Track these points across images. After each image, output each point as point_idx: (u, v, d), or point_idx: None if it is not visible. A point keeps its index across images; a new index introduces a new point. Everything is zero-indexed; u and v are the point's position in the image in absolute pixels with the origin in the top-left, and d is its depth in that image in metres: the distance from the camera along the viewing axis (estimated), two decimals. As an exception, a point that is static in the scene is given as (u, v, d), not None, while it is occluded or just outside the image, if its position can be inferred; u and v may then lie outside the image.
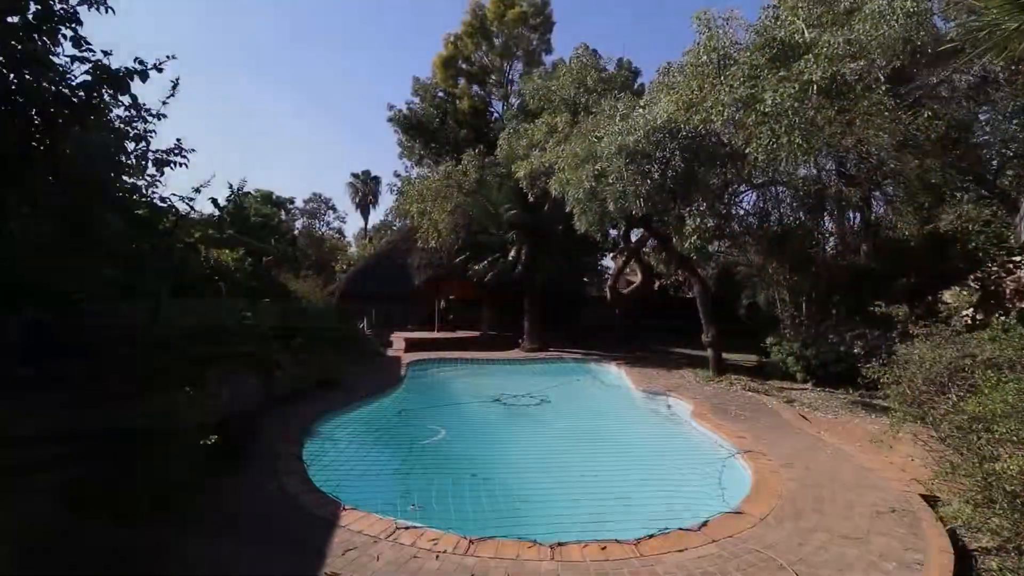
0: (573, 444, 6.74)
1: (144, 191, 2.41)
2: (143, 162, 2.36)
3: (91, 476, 2.17)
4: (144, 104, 2.39)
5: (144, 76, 2.27)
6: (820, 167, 8.63)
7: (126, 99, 2.27)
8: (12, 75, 2.07)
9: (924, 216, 9.82)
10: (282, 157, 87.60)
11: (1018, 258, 9.81)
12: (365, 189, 57.44)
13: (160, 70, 2.34)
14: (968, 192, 9.57)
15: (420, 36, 72.27)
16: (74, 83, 2.18)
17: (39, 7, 2.21)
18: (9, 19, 2.13)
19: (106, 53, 2.27)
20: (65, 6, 2.36)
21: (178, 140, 2.54)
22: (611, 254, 24.33)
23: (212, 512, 4.03)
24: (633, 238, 18.02)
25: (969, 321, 9.43)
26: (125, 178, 2.32)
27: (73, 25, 2.34)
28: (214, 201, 2.45)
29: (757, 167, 7.49)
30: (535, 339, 16.35)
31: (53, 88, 2.12)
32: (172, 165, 2.50)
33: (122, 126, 2.31)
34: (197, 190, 2.54)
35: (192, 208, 2.55)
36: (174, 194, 2.49)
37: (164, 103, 2.48)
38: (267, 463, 5.21)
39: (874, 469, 5.63)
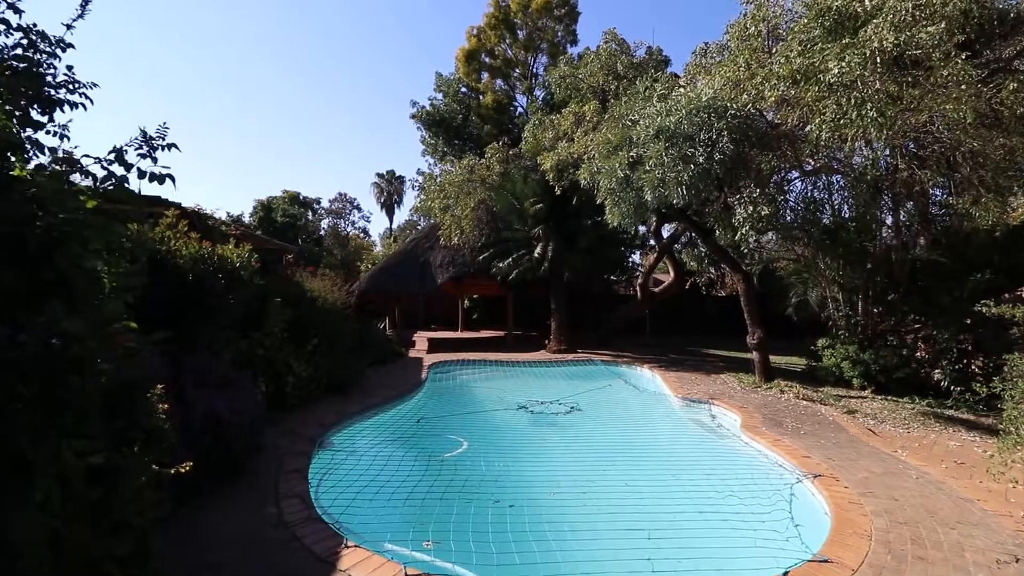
0: (609, 462, 5.99)
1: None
2: (22, 103, 1.74)
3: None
4: (34, 25, 1.78)
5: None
6: (878, 151, 7.62)
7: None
8: None
9: (1003, 203, 8.70)
10: (308, 156, 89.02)
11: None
12: (390, 189, 57.67)
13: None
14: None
15: (444, 32, 72.13)
16: None
17: None
18: None
19: None
20: None
21: (69, 68, 1.89)
22: (639, 251, 23.35)
23: (192, 552, 3.47)
24: (664, 234, 17.12)
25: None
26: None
27: None
28: (119, 155, 1.77)
29: (820, 146, 6.57)
30: (562, 340, 15.60)
31: None
32: (62, 106, 1.88)
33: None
34: (119, 152, 1.88)
35: (111, 173, 1.89)
36: (87, 155, 1.87)
37: (69, 28, 1.86)
38: (268, 483, 4.67)
39: (974, 499, 4.72)
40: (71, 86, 1.87)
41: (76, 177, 1.93)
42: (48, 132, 1.89)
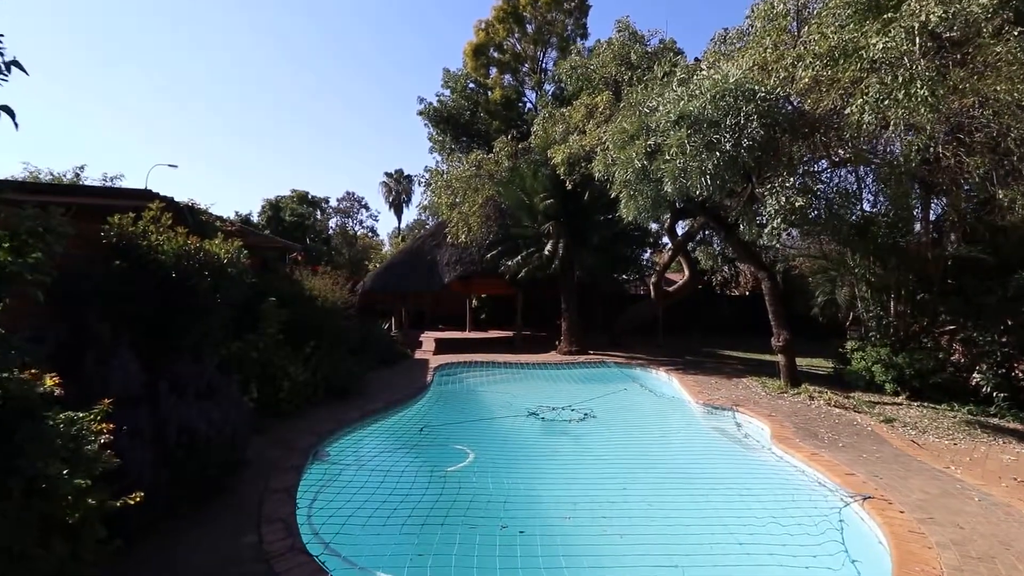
0: (629, 478, 5.43)
1: None
2: None
3: None
4: None
5: None
6: (922, 136, 6.96)
7: None
8: None
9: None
10: (317, 156, 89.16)
11: None
12: (398, 188, 57.42)
13: None
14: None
15: (453, 30, 71.77)
16: None
17: None
18: None
19: None
20: None
21: None
22: (650, 250, 22.75)
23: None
24: (678, 231, 16.51)
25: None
26: None
27: None
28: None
29: (861, 130, 5.96)
30: (573, 341, 15.03)
31: None
32: None
33: None
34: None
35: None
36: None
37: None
38: (251, 503, 4.19)
39: (1051, 527, 4.13)
40: None
41: None
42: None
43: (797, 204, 6.28)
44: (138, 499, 2.61)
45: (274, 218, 40.56)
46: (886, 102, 5.55)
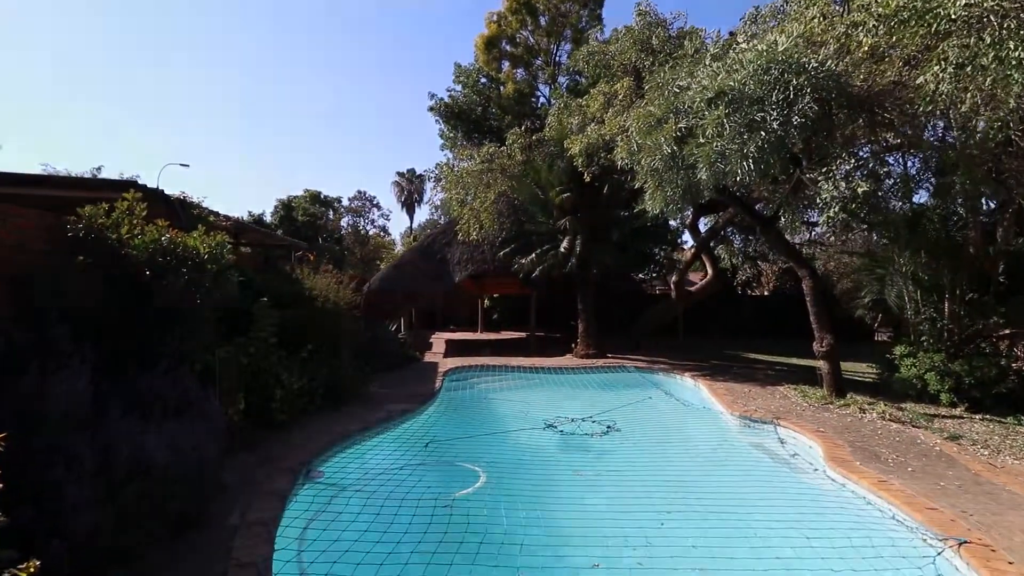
0: (664, 508, 4.64)
1: None
2: None
3: None
4: None
5: None
6: (1002, 115, 6.08)
7: None
8: None
9: None
10: (329, 155, 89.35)
11: None
12: (410, 187, 57.03)
13: None
14: None
15: (463, 29, 71.28)
16: None
17: None
18: None
19: None
20: None
21: None
22: (668, 247, 21.89)
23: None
24: (701, 228, 15.66)
25: None
26: None
27: None
28: None
29: (936, 103, 5.11)
30: (590, 343, 14.24)
31: None
32: None
33: None
34: None
35: None
36: None
37: None
38: (221, 542, 3.52)
39: None
40: None
41: None
42: None
43: (860, 190, 5.45)
44: (32, 569, 1.93)
45: (287, 218, 40.43)
46: (969, 68, 4.70)
